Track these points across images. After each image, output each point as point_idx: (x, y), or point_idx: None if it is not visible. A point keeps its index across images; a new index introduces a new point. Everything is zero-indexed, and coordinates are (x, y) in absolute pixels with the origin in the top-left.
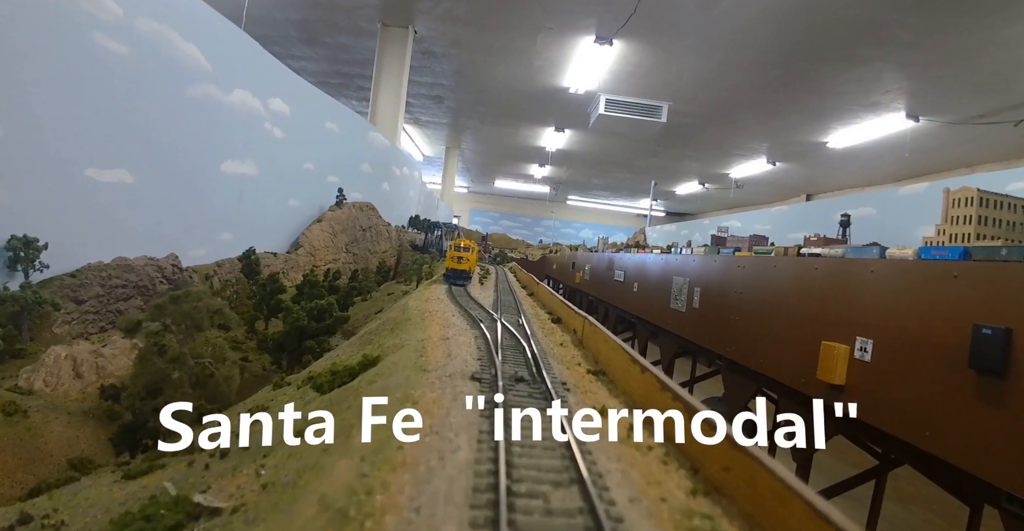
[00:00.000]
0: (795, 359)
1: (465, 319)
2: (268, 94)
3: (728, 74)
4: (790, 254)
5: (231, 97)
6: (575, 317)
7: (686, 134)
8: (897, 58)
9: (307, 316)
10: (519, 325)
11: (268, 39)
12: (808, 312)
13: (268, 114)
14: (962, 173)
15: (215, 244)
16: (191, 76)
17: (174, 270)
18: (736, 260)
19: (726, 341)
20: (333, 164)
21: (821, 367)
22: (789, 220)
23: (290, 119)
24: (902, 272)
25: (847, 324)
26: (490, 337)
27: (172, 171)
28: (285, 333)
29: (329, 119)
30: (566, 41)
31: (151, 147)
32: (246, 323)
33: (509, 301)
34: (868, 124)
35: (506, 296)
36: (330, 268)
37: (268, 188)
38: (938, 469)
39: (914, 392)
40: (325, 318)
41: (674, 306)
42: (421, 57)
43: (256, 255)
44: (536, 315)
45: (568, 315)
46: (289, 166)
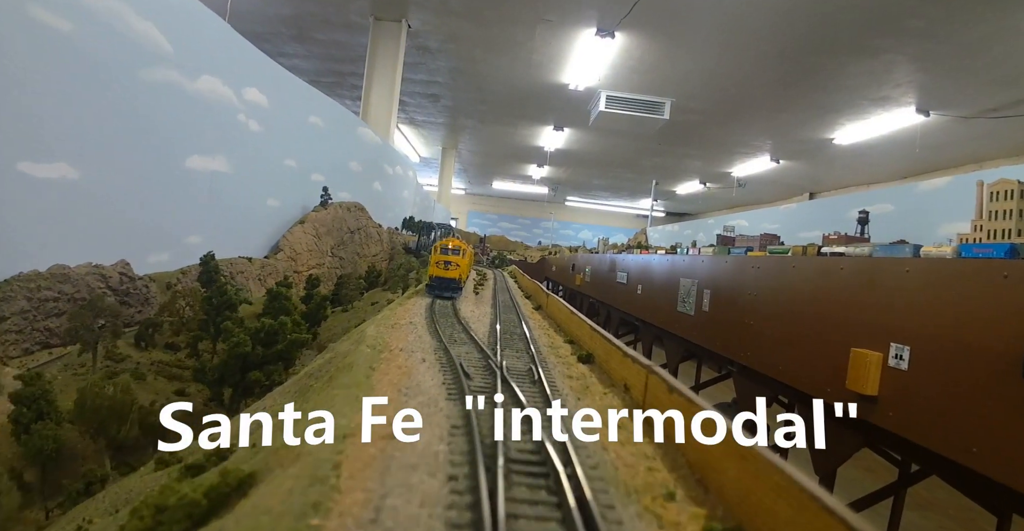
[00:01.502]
0: (820, 367)
1: (441, 368)
2: (242, 83)
3: (734, 68)
4: (809, 253)
5: (197, 84)
6: (624, 363)
7: (688, 132)
8: (910, 49)
9: (252, 340)
10: (533, 379)
11: (257, 36)
12: (834, 316)
13: (242, 105)
14: (970, 169)
15: (180, 248)
16: (148, 59)
17: (123, 279)
18: (749, 260)
19: (739, 346)
20: (318, 161)
21: (851, 376)
22: (799, 218)
23: (268, 111)
24: (942, 272)
25: (880, 329)
26: (478, 427)
27: (126, 166)
28: (223, 362)
29: (313, 112)
30: (566, 34)
31: (100, 139)
32: (188, 344)
33: (512, 323)
34: (876, 119)
35: (508, 313)
36: (313, 273)
37: (243, 186)
38: (972, 481)
39: (959, 405)
40: (277, 342)
41: (681, 309)
42: (416, 53)
43: (215, 261)
44: (553, 348)
45: (605, 353)
46: (268, 162)
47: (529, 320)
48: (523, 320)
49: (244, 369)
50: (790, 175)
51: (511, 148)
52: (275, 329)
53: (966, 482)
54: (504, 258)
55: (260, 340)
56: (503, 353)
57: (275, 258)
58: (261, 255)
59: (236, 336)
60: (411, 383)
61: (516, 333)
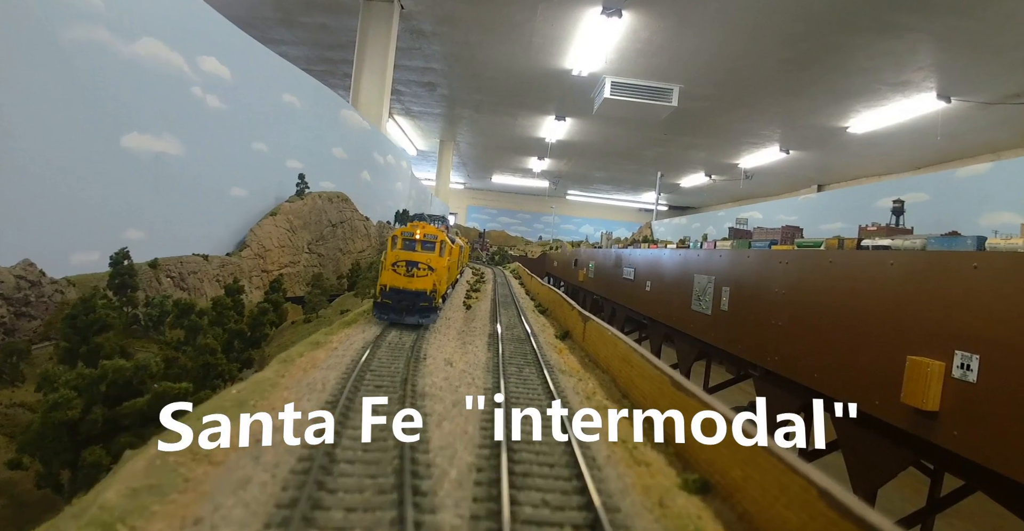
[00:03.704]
0: (865, 376)
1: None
2: (197, 50)
3: (746, 49)
4: (847, 247)
5: (136, 47)
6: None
7: (695, 120)
8: (937, 26)
9: (88, 394)
10: None
11: (243, 21)
12: (884, 318)
13: (198, 77)
14: (987, 159)
15: (116, 245)
16: (69, 14)
17: (20, 284)
18: (776, 255)
19: (764, 349)
20: (294, 146)
21: (907, 388)
22: (818, 209)
23: (231, 85)
24: (1020, 268)
25: (942, 334)
26: None
27: (34, 144)
28: (36, 434)
29: (288, 90)
30: (570, 13)
31: (3, 108)
32: (39, 385)
33: (530, 391)
34: (895, 106)
35: (520, 366)
36: (283, 273)
37: (200, 172)
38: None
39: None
40: (140, 394)
41: (696, 308)
42: (409, 37)
43: (129, 261)
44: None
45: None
46: (231, 145)
47: (561, 381)
48: (553, 389)
49: (76, 444)
50: (799, 166)
51: (511, 140)
52: (130, 376)
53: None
54: (505, 254)
55: (99, 397)
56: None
57: (239, 255)
58: (223, 252)
59: (59, 394)
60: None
61: (548, 460)
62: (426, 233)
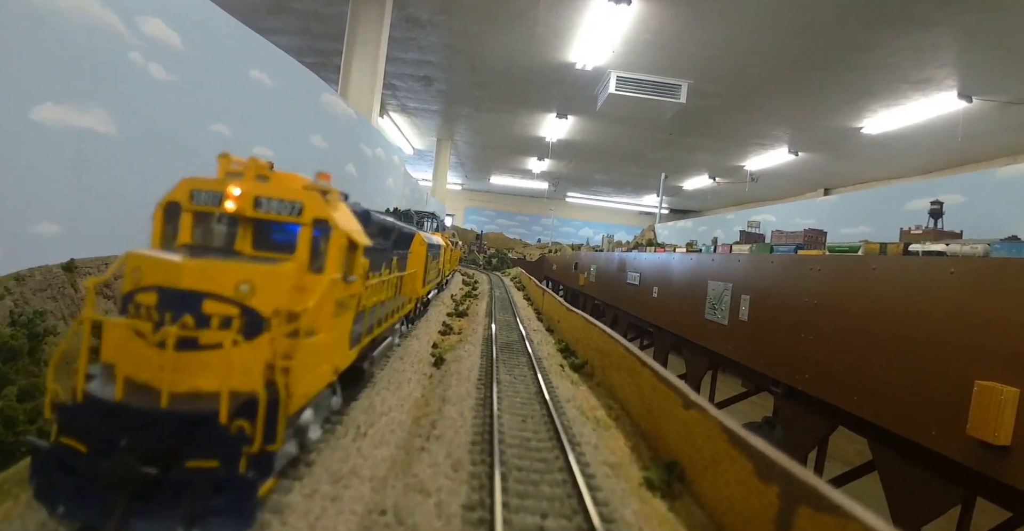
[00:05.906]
0: (920, 402)
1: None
2: (136, 9)
3: (763, 43)
4: (891, 252)
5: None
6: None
7: (702, 120)
8: (965, 21)
9: None
10: None
11: (230, 8)
12: (943, 335)
13: (137, 39)
14: (1003, 162)
15: (21, 242)
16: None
17: None
18: (805, 261)
19: (791, 365)
20: (263, 130)
21: (974, 418)
22: (838, 212)
23: (182, 54)
24: None
25: (1017, 355)
26: None
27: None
28: None
29: (256, 66)
30: (576, 1)
31: None
32: None
33: None
34: (914, 105)
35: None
36: None
37: (139, 155)
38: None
39: None
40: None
41: (711, 317)
42: (404, 26)
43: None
44: None
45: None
46: (181, 125)
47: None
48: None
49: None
50: (807, 169)
51: (510, 139)
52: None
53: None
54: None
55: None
56: None
57: None
58: None
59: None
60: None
61: None
62: (275, 196)
